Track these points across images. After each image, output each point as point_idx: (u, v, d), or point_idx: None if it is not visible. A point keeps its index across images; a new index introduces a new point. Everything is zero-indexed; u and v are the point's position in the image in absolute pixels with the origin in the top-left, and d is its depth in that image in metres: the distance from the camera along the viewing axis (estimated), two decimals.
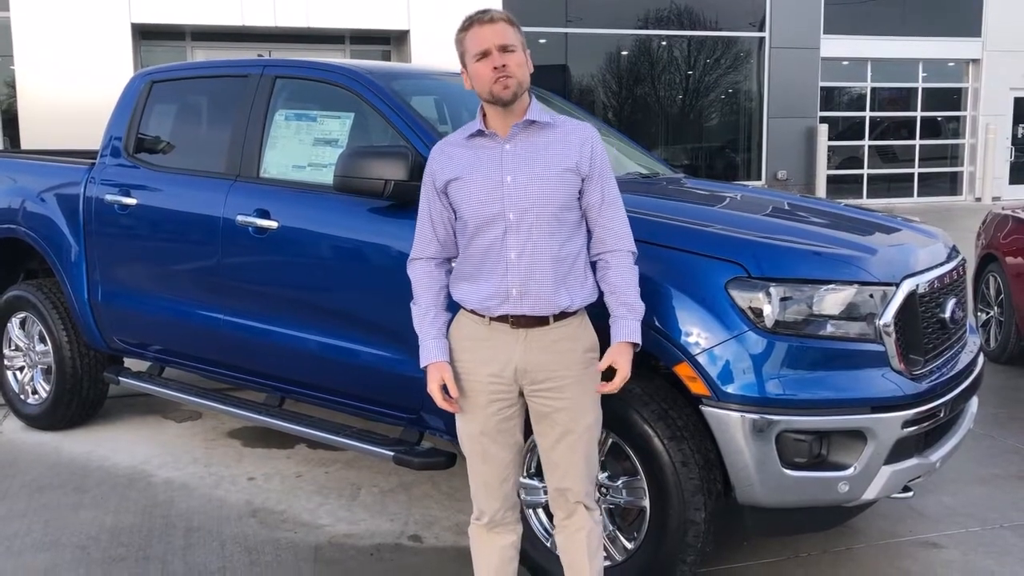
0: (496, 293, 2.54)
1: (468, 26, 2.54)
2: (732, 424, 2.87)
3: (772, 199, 4.30)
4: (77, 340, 4.87)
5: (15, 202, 4.98)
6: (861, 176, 18.51)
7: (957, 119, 19.19)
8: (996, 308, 6.56)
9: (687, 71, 17.34)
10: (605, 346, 2.61)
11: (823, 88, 17.45)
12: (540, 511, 3.25)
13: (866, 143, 18.52)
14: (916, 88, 18.71)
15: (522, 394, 2.62)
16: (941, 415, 3.12)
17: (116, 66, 11.81)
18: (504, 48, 2.49)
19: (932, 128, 19.09)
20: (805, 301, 2.91)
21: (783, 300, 2.90)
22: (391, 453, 3.67)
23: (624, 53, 16.77)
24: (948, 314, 3.27)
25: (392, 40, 14.60)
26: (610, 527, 3.14)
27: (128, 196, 4.44)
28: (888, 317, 2.95)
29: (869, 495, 2.97)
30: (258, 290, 4.01)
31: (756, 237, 3.13)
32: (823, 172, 17.12)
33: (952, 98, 19.10)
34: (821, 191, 16.80)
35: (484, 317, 2.57)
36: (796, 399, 2.87)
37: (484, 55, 2.49)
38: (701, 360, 2.90)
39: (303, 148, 4.01)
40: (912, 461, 3.05)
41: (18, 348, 5.19)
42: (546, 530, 3.21)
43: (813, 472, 2.92)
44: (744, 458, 2.88)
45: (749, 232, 3.17)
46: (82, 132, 8.34)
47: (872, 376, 2.94)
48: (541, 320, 2.54)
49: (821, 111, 17.40)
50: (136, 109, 4.67)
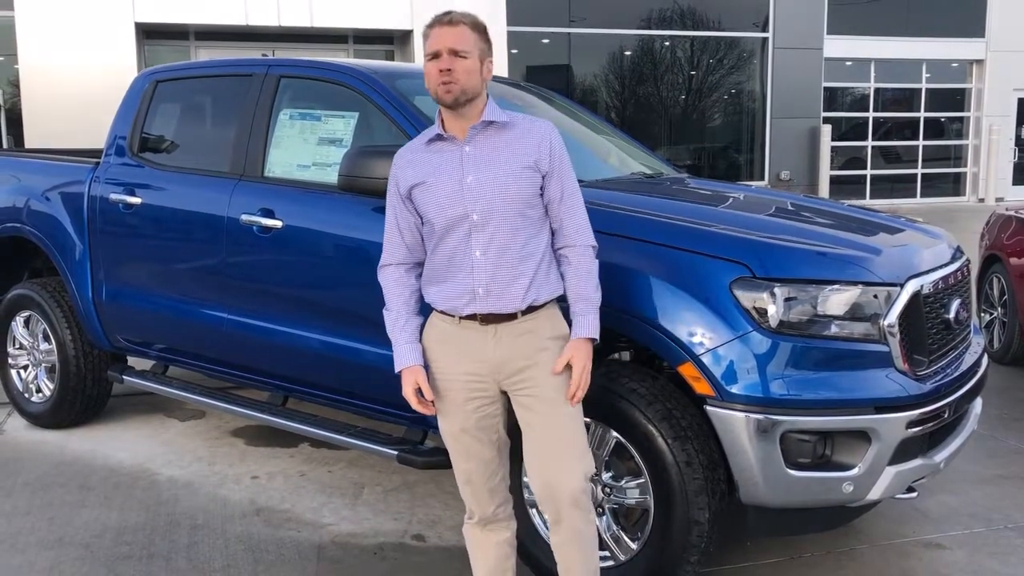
0: (463, 293, 2.55)
1: (432, 24, 2.55)
2: (736, 424, 2.87)
3: (776, 199, 4.29)
4: (81, 339, 4.88)
5: (20, 201, 5.00)
6: (864, 177, 18.50)
7: (961, 120, 19.17)
8: (1000, 309, 6.56)
9: (690, 71, 17.33)
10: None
11: (826, 88, 17.44)
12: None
13: (869, 144, 18.50)
14: (920, 89, 18.69)
15: (504, 392, 2.63)
16: (945, 416, 3.11)
17: (120, 65, 11.81)
18: (455, 52, 2.49)
19: (935, 129, 19.07)
20: (809, 301, 2.91)
21: (787, 300, 2.89)
22: (394, 452, 3.67)
23: (627, 53, 16.76)
24: (952, 315, 3.27)
25: (395, 40, 14.62)
26: (614, 527, 3.14)
27: (132, 195, 4.45)
28: (892, 318, 2.95)
29: (873, 496, 2.97)
30: (262, 289, 4.01)
31: (760, 237, 3.12)
32: (826, 173, 17.11)
33: (956, 99, 19.08)
34: (824, 192, 16.78)
35: (454, 317, 2.59)
36: (800, 399, 2.87)
37: (435, 56, 2.51)
38: (705, 360, 2.90)
39: (307, 147, 4.01)
40: (916, 462, 3.05)
41: (22, 347, 5.20)
42: (548, 527, 3.21)
43: (817, 472, 2.92)
44: (748, 458, 2.88)
45: (753, 232, 3.17)
46: (86, 131, 8.38)
47: (876, 377, 2.94)
48: (510, 315, 2.56)
49: (824, 111, 17.39)
50: (140, 108, 4.67)
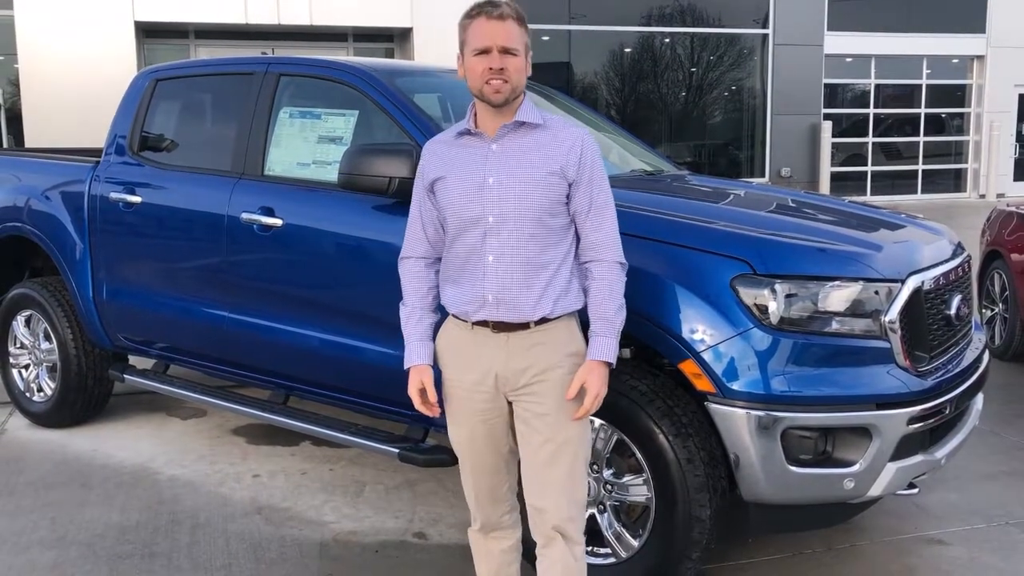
0: (473, 298, 2.44)
1: (476, 14, 2.39)
2: (737, 421, 2.87)
3: (776, 196, 4.29)
4: (82, 338, 4.87)
5: (20, 200, 4.99)
6: (865, 173, 18.48)
7: (961, 116, 19.15)
8: (1001, 305, 6.55)
9: (691, 68, 17.32)
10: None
11: (827, 85, 17.42)
12: None
13: (870, 140, 18.48)
14: (920, 85, 18.66)
15: (511, 403, 2.53)
16: (946, 412, 3.11)
17: (120, 64, 11.80)
18: (506, 50, 2.36)
19: (936, 125, 19.04)
20: (810, 298, 2.91)
21: (788, 297, 2.89)
22: (396, 450, 3.67)
23: (627, 50, 16.76)
24: (953, 311, 3.27)
25: (395, 38, 14.61)
26: (616, 524, 3.14)
27: (133, 194, 4.45)
28: (893, 314, 2.95)
29: (874, 492, 2.97)
30: (262, 287, 4.01)
31: (761, 234, 3.12)
32: (827, 169, 17.09)
33: (956, 95, 19.06)
34: (825, 188, 16.77)
35: (467, 322, 2.49)
36: (801, 396, 2.87)
37: (484, 52, 2.37)
38: (706, 357, 2.90)
39: (307, 146, 4.01)
40: (917, 458, 3.05)
41: (23, 346, 5.20)
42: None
43: (818, 469, 2.92)
44: (749, 455, 2.88)
45: (754, 229, 3.16)
46: (86, 130, 8.38)
47: (877, 373, 2.94)
48: (522, 324, 2.44)
49: (825, 108, 17.39)
50: (140, 107, 4.67)
